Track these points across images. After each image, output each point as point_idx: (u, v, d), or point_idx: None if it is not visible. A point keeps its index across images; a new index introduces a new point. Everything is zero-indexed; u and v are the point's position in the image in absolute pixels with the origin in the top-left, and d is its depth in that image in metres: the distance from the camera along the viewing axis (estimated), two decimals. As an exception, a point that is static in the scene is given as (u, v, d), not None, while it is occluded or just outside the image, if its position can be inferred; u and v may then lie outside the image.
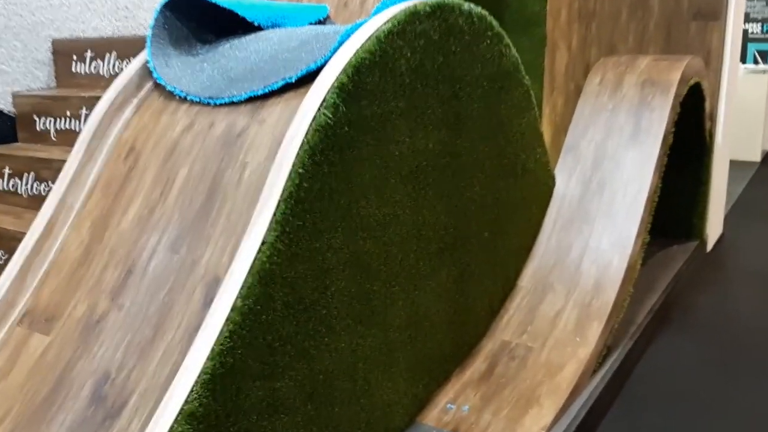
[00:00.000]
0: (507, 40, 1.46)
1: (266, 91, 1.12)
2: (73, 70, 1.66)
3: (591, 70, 2.03)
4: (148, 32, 1.25)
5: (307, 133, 0.98)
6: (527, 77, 1.58)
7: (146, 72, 1.26)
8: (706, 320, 2.06)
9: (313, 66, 1.11)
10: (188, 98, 1.19)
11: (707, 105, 2.32)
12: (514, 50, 1.49)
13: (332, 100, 1.02)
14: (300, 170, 0.97)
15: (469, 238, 1.45)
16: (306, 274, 0.99)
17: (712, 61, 2.51)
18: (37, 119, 1.60)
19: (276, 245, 0.93)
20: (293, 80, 1.11)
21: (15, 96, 1.93)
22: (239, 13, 1.32)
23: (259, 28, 1.38)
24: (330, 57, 1.09)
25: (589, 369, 1.50)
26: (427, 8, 1.20)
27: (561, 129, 1.99)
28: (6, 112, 1.86)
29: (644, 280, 2.09)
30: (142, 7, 1.87)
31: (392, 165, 1.18)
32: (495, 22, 1.41)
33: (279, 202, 0.94)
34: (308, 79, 1.10)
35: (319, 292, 1.02)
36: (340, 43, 1.11)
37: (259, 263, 0.91)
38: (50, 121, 1.56)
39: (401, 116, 1.18)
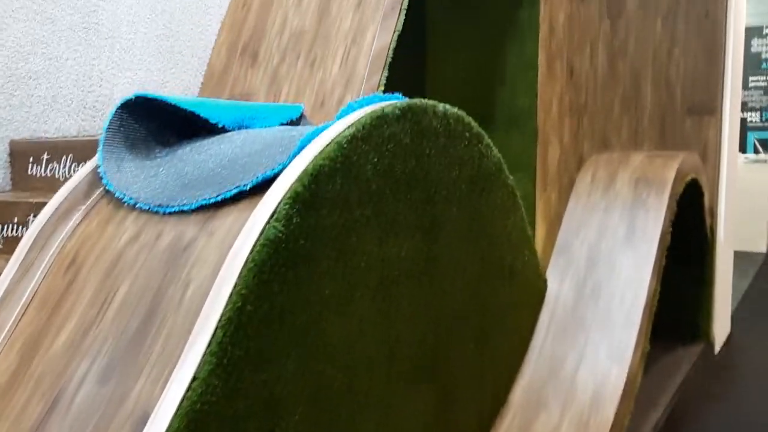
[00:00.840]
0: (487, 140, 1.38)
1: (218, 199, 1.03)
2: (29, 172, 1.60)
3: (582, 167, 1.95)
4: (101, 135, 1.17)
5: (252, 249, 0.88)
6: (511, 177, 1.50)
7: (97, 177, 1.17)
8: (719, 435, 1.89)
9: (270, 173, 1.02)
10: (137, 206, 1.10)
11: (706, 200, 2.23)
12: (495, 150, 1.41)
13: (284, 212, 0.93)
14: (243, 291, 0.86)
15: (451, 352, 1.32)
16: (249, 412, 0.86)
17: (710, 154, 2.45)
18: (-15, 226, 1.52)
19: (210, 381, 0.81)
20: (248, 188, 1.02)
21: (-35, 201, 1.82)
22: (201, 114, 1.25)
23: (224, 130, 1.31)
24: (288, 163, 1.01)
25: (588, 502, 1.34)
26: (397, 111, 1.12)
27: (555, 224, 1.90)
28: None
29: (647, 391, 1.93)
30: (111, 105, 1.82)
31: (358, 277, 1.07)
32: (473, 123, 1.33)
33: (216, 329, 0.83)
34: (264, 186, 1.01)
35: None
36: (300, 149, 1.03)
37: (189, 403, 0.79)
38: (-2, 227, 1.49)
39: (368, 224, 1.08)
